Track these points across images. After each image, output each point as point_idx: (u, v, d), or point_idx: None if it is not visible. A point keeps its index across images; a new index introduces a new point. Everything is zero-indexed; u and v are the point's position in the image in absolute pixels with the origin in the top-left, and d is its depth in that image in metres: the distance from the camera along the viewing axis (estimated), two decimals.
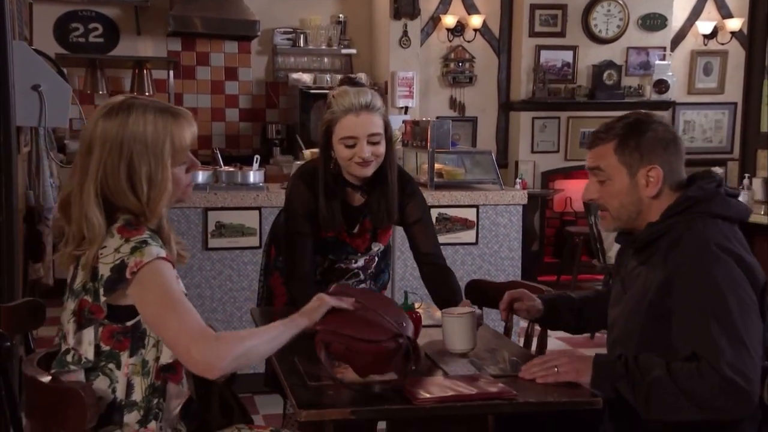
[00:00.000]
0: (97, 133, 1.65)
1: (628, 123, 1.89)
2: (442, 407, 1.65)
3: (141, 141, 1.64)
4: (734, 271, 1.73)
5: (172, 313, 1.56)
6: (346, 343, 1.65)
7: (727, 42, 7.36)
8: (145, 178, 1.65)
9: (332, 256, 2.50)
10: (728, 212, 1.82)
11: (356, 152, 2.28)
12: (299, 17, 6.88)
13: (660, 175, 1.84)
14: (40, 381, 1.60)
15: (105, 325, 1.64)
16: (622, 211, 1.90)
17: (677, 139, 1.90)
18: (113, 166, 1.64)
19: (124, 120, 1.64)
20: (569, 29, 6.98)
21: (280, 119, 6.92)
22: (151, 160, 1.65)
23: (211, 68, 6.83)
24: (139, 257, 1.59)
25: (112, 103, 1.69)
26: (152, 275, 1.59)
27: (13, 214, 3.37)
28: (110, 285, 1.60)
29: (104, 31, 6.60)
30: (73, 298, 1.66)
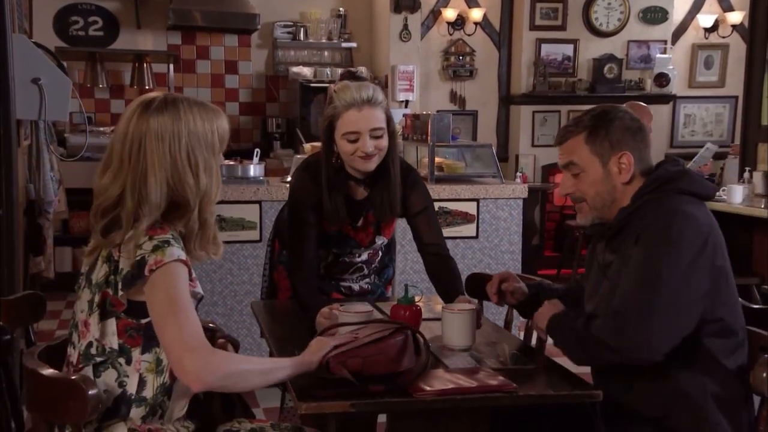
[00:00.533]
0: (151, 129, 1.66)
1: (595, 114, 1.94)
2: (442, 400, 1.65)
3: (196, 134, 1.68)
4: (694, 229, 1.77)
5: (173, 318, 1.57)
6: (359, 354, 1.65)
7: (728, 35, 7.35)
8: (204, 169, 1.69)
9: (336, 249, 2.50)
10: (696, 188, 1.88)
11: (359, 147, 2.28)
12: (299, 10, 6.87)
13: (631, 161, 1.90)
14: (40, 374, 1.60)
15: (121, 319, 1.64)
16: (598, 200, 1.94)
17: (643, 127, 1.95)
18: (174, 158, 1.66)
19: (175, 114, 1.67)
20: (570, 23, 6.97)
21: (280, 113, 6.91)
22: (205, 151, 1.69)
23: (211, 62, 6.83)
24: (160, 256, 1.60)
25: (151, 99, 1.70)
26: (165, 277, 1.59)
27: (14, 208, 3.37)
28: (129, 280, 1.61)
29: (104, 24, 6.59)
30: (95, 289, 1.67)
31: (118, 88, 6.64)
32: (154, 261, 1.59)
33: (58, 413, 1.60)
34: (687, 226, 1.78)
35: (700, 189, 1.89)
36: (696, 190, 1.87)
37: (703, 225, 1.80)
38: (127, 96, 6.63)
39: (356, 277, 2.60)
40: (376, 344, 1.67)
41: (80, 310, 1.71)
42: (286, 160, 5.70)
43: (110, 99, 6.63)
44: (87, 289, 1.70)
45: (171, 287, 1.59)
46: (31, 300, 2.07)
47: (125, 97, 6.63)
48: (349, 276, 2.60)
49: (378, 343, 1.67)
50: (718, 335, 1.81)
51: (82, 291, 1.72)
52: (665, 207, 1.83)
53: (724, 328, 1.81)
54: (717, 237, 1.83)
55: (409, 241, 4.02)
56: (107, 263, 1.65)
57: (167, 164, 1.66)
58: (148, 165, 1.65)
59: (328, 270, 2.55)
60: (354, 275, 2.59)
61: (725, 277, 1.83)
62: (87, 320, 1.67)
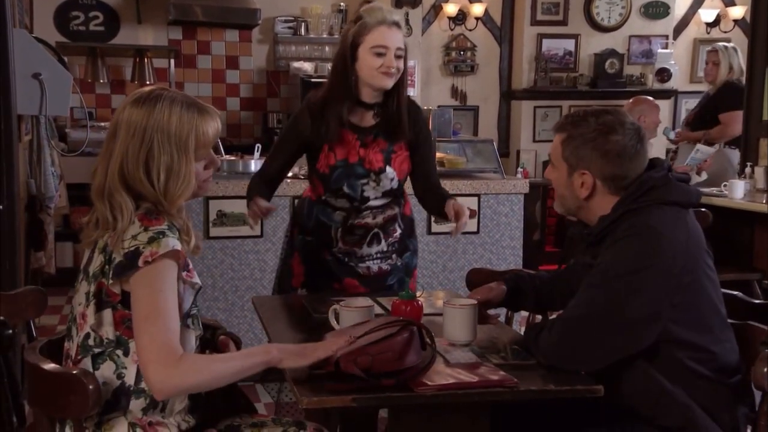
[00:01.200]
0: (124, 118, 1.68)
1: (588, 123, 1.90)
2: (443, 395, 1.65)
3: (164, 131, 1.67)
4: (661, 251, 1.77)
5: (149, 325, 1.57)
6: (368, 352, 1.65)
7: (730, 30, 7.34)
8: (164, 167, 1.67)
9: (346, 187, 2.53)
10: (677, 197, 1.86)
11: (384, 62, 2.42)
12: (300, 6, 6.86)
13: (590, 182, 1.89)
14: (41, 368, 1.60)
15: (117, 310, 1.65)
16: (563, 201, 1.99)
17: (636, 153, 1.88)
18: (133, 151, 1.66)
19: (150, 108, 1.67)
20: (571, 18, 6.96)
21: (281, 108, 6.91)
22: (173, 151, 1.67)
23: (212, 57, 6.82)
24: (156, 248, 1.60)
25: (141, 92, 1.72)
26: (154, 276, 1.60)
27: (15, 203, 3.37)
28: (119, 270, 1.61)
29: (105, 19, 6.58)
30: (91, 281, 1.67)
31: (119, 84, 6.64)
32: (150, 253, 1.59)
33: (59, 407, 1.60)
34: (654, 248, 1.76)
35: (682, 197, 1.87)
36: (677, 199, 1.86)
37: (676, 242, 1.78)
38: (128, 91, 6.61)
39: (375, 253, 2.61)
40: (384, 341, 1.67)
41: (78, 303, 1.71)
42: None
43: (111, 94, 6.62)
44: (84, 282, 1.70)
45: (156, 289, 1.60)
46: (32, 295, 2.08)
47: (126, 92, 6.61)
48: (367, 250, 2.60)
49: (386, 340, 1.67)
50: (688, 351, 1.80)
51: (80, 284, 1.72)
52: (640, 222, 1.81)
53: (697, 347, 1.80)
54: (693, 250, 1.81)
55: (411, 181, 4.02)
56: (102, 253, 1.66)
57: (125, 155, 1.66)
58: (114, 154, 1.67)
59: (345, 240, 2.58)
60: (372, 248, 2.60)
61: (696, 292, 1.80)
62: (84, 312, 1.67)
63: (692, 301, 1.79)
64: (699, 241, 1.85)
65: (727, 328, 1.88)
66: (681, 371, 1.80)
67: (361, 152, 2.53)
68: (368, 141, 2.53)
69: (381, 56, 2.42)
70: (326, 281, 2.63)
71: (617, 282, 1.76)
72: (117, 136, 1.68)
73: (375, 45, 2.42)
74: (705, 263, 1.84)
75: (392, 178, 2.57)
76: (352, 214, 2.58)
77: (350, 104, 2.49)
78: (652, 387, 1.81)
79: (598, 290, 1.79)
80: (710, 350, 1.81)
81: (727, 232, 4.74)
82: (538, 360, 1.84)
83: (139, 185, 1.66)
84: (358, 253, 2.61)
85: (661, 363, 1.80)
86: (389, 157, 2.55)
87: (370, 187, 2.55)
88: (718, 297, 1.87)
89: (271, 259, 3.91)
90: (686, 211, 1.87)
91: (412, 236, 2.75)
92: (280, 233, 3.89)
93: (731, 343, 1.87)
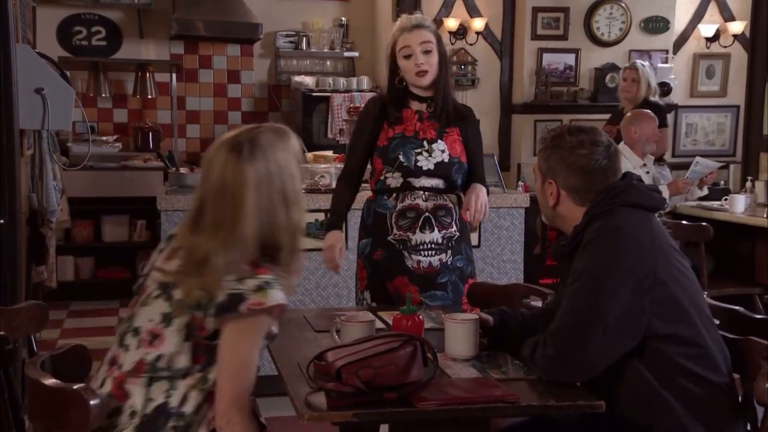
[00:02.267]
0: (249, 180, 1.65)
1: (563, 139, 2.01)
2: (444, 410, 1.65)
3: (284, 168, 1.69)
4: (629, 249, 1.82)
5: (240, 377, 1.62)
6: (370, 365, 1.65)
7: (730, 45, 7.35)
8: (293, 201, 1.70)
9: (402, 156, 2.74)
10: (640, 200, 1.93)
11: (413, 61, 2.71)
12: (301, 20, 6.90)
13: (555, 191, 2.01)
14: (42, 383, 1.60)
15: (197, 341, 1.65)
16: (542, 209, 2.12)
17: (601, 169, 1.97)
18: (272, 200, 1.66)
19: (263, 156, 1.67)
20: (571, 32, 6.98)
21: (282, 122, 6.88)
22: (292, 182, 1.70)
23: (213, 71, 6.84)
24: (262, 298, 1.61)
25: (238, 143, 1.68)
26: (255, 326, 1.63)
27: (17, 217, 3.38)
28: (220, 311, 1.61)
29: (107, 34, 6.61)
30: (182, 309, 1.65)
31: (121, 98, 6.66)
32: (256, 302, 1.60)
33: (59, 423, 1.60)
34: (622, 245, 1.83)
35: (645, 201, 1.95)
36: (640, 202, 1.93)
37: (644, 241, 1.85)
38: (130, 105, 6.64)
39: (428, 242, 2.73)
40: (387, 354, 1.67)
41: (149, 319, 1.69)
42: None
43: (113, 108, 6.65)
44: (164, 302, 1.68)
45: (253, 342, 1.63)
46: (34, 310, 2.08)
47: (128, 107, 6.65)
48: (420, 236, 2.73)
49: (389, 353, 1.67)
50: (678, 347, 1.82)
51: (155, 300, 1.69)
52: (607, 223, 1.89)
53: (685, 341, 1.82)
54: (661, 248, 1.87)
55: None
56: (202, 291, 1.64)
57: (264, 211, 1.65)
58: (245, 216, 1.64)
59: (399, 226, 2.75)
60: (425, 234, 2.73)
61: (675, 287, 1.84)
62: (161, 332, 1.66)
63: (671, 295, 1.82)
64: (665, 242, 1.91)
65: (712, 324, 1.91)
66: (672, 369, 1.80)
67: (417, 125, 2.78)
68: (424, 117, 2.80)
69: (409, 57, 2.72)
70: (381, 281, 2.81)
71: (594, 284, 1.81)
72: (242, 200, 1.64)
73: (401, 48, 2.74)
74: (677, 261, 1.90)
75: (443, 150, 2.76)
76: (402, 194, 2.76)
77: (403, 98, 2.80)
78: (645, 390, 1.80)
79: (578, 296, 1.83)
80: (698, 344, 1.83)
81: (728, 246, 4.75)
82: (540, 377, 1.84)
83: (281, 231, 1.67)
84: (412, 239, 2.75)
85: (652, 362, 1.81)
86: (442, 134, 2.79)
87: (423, 157, 2.76)
88: (700, 297, 1.92)
89: None
90: (651, 215, 1.95)
91: (468, 243, 2.87)
92: None
93: (718, 339, 1.90)
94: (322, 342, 2.13)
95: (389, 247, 2.78)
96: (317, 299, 3.98)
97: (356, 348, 1.74)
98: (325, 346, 2.06)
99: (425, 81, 2.75)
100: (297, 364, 1.92)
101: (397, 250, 2.77)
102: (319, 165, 4.30)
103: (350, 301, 4.00)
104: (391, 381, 1.67)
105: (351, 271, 4.00)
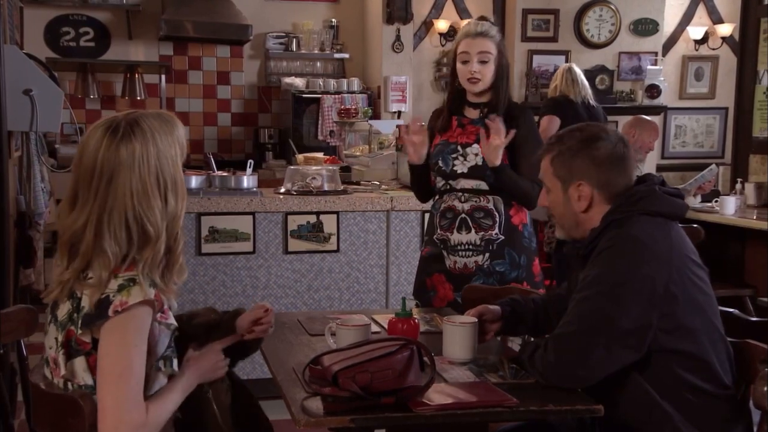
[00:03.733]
0: (122, 158, 1.58)
1: (571, 137, 1.94)
2: (442, 415, 1.63)
3: (162, 152, 1.61)
4: (644, 260, 1.77)
5: (119, 384, 1.51)
6: (368, 369, 1.63)
7: (718, 47, 7.39)
8: (171, 187, 1.62)
9: (441, 161, 2.86)
10: (662, 208, 1.86)
11: (468, 67, 2.80)
12: (292, 21, 6.87)
13: (588, 193, 1.90)
14: (42, 389, 1.57)
15: (91, 354, 1.58)
16: (563, 221, 1.98)
17: (622, 157, 1.91)
18: (144, 183, 1.59)
19: (142, 136, 1.60)
20: (561, 34, 6.99)
21: (272, 124, 6.89)
22: (171, 167, 1.62)
23: (203, 72, 6.80)
24: (125, 297, 1.53)
25: (115, 124, 1.62)
26: (123, 328, 1.53)
27: (4, 219, 3.34)
28: (88, 320, 1.54)
29: (95, 35, 6.56)
30: (59, 327, 1.61)
31: (110, 99, 6.61)
32: (119, 302, 1.52)
33: (59, 429, 1.57)
34: (637, 257, 1.77)
35: (666, 208, 1.87)
36: (660, 210, 1.86)
37: (659, 252, 1.79)
38: (118, 107, 6.58)
39: (466, 243, 2.81)
40: (384, 359, 1.65)
41: (48, 346, 1.65)
42: (278, 170, 5.67)
43: (101, 110, 6.59)
44: (53, 325, 1.63)
45: (127, 343, 1.52)
46: (23, 314, 2.05)
47: (116, 108, 6.58)
48: (457, 236, 2.83)
49: (386, 357, 1.65)
50: (682, 361, 1.79)
51: (49, 326, 1.65)
52: (624, 232, 1.83)
53: (689, 356, 1.79)
54: (677, 261, 1.80)
55: (403, 252, 4.03)
56: (70, 299, 1.59)
57: (138, 193, 1.58)
58: (117, 197, 1.57)
59: (441, 226, 2.87)
60: (462, 235, 2.82)
61: (686, 302, 1.79)
62: (56, 358, 1.62)
63: (681, 310, 1.78)
64: (684, 252, 1.84)
65: (721, 338, 1.87)
66: (674, 382, 1.78)
67: (458, 132, 2.88)
68: (465, 123, 2.89)
69: (466, 63, 2.81)
70: (421, 276, 2.96)
71: (604, 295, 1.77)
72: (114, 179, 1.57)
73: (460, 53, 2.83)
74: (693, 274, 1.83)
75: (477, 153, 2.81)
76: (445, 196, 2.88)
77: (460, 103, 2.90)
78: (645, 400, 1.79)
79: (586, 304, 1.79)
80: (703, 359, 1.80)
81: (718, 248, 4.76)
82: (537, 379, 1.83)
83: (156, 218, 1.59)
84: (451, 239, 2.86)
85: (654, 375, 1.78)
86: (480, 138, 2.80)
87: (459, 161, 2.85)
88: (712, 309, 1.86)
89: (264, 276, 3.89)
90: (672, 223, 1.88)
91: (515, 248, 2.85)
92: (272, 249, 3.88)
93: (725, 352, 1.86)
94: (316, 346, 2.11)
95: (434, 246, 2.92)
96: (309, 302, 3.95)
97: (353, 352, 1.72)
98: (320, 349, 2.06)
99: (476, 88, 2.83)
100: (292, 368, 1.90)
101: (439, 248, 2.89)
102: (310, 167, 4.27)
103: (342, 303, 3.98)
104: (389, 385, 1.65)
105: (342, 273, 3.99)
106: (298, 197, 3.94)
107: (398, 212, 4.00)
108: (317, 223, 3.93)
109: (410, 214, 4.01)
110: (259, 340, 1.98)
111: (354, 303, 4.00)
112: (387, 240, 4.00)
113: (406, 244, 4.03)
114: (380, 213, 3.98)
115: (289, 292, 3.93)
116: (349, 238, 3.97)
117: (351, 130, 5.76)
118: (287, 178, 4.17)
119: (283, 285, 3.91)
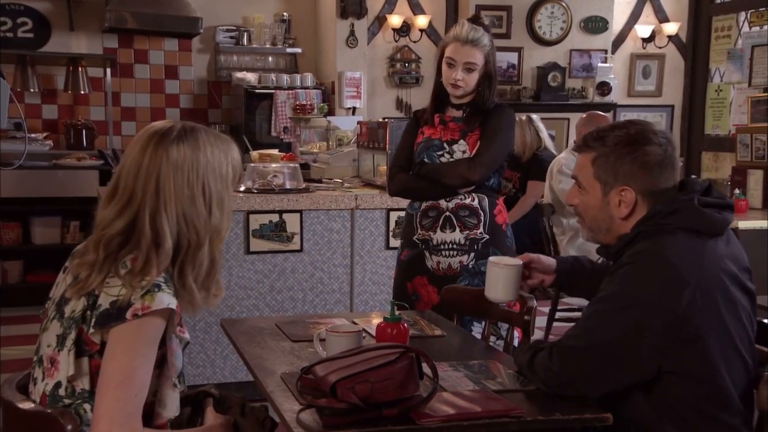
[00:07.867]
0: (170, 160, 1.55)
1: (617, 136, 1.80)
2: (447, 427, 1.56)
3: (212, 164, 1.59)
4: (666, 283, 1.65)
5: (121, 389, 1.44)
6: (367, 379, 1.54)
7: (665, 46, 7.52)
8: (216, 202, 1.58)
9: (426, 158, 2.85)
10: (698, 225, 1.71)
11: (452, 73, 2.76)
12: (242, 15, 6.70)
13: (632, 199, 1.77)
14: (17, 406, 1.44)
15: (94, 358, 1.49)
16: (594, 224, 1.86)
17: (673, 162, 1.79)
18: (192, 189, 1.55)
19: (194, 143, 1.57)
20: (514, 31, 7.01)
21: (223, 120, 6.71)
22: (219, 183, 1.59)
23: (150, 66, 6.57)
24: (148, 302, 1.46)
25: (167, 128, 1.59)
26: (139, 333, 1.46)
27: None
28: (103, 319, 1.46)
29: (34, 26, 6.27)
30: (70, 324, 1.51)
31: (51, 93, 6.33)
32: (141, 306, 1.45)
33: None
34: (660, 279, 1.65)
35: (702, 226, 1.71)
36: (695, 227, 1.71)
37: (687, 277, 1.64)
38: (60, 101, 6.32)
39: (449, 242, 2.76)
40: (384, 368, 1.56)
41: (47, 344, 1.54)
42: None
43: (42, 104, 6.31)
44: (57, 322, 1.53)
45: (136, 351, 1.45)
46: None
47: (58, 102, 6.32)
48: (441, 235, 2.79)
49: (386, 367, 1.57)
50: (692, 387, 1.69)
51: (51, 322, 1.55)
52: (651, 248, 1.70)
53: (701, 380, 1.68)
54: (706, 283, 1.66)
55: (368, 251, 3.94)
56: (85, 296, 1.50)
57: (183, 197, 1.54)
58: (162, 199, 1.53)
59: (422, 225, 2.82)
60: (446, 234, 2.77)
61: (707, 327, 1.65)
62: (56, 357, 1.51)
63: (699, 337, 1.66)
64: (719, 274, 1.69)
65: (742, 365, 1.73)
66: (680, 407, 1.70)
67: (440, 129, 2.86)
68: (447, 120, 2.86)
69: (451, 67, 2.77)
70: (401, 281, 2.88)
71: (616, 314, 1.67)
72: (160, 180, 1.54)
73: (447, 57, 2.78)
74: (726, 298, 1.68)
75: (464, 150, 2.80)
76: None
77: (443, 101, 2.87)
78: (642, 418, 1.72)
79: (598, 321, 1.71)
80: (717, 384, 1.69)
81: None
82: (536, 385, 1.77)
83: (201, 226, 1.56)
84: (433, 239, 2.81)
85: (657, 395, 1.70)
86: (465, 134, 2.82)
87: (445, 158, 2.82)
88: (741, 334, 1.71)
89: (225, 277, 3.75)
90: (708, 241, 1.71)
91: (499, 248, 2.81)
92: (233, 249, 3.74)
93: (743, 378, 1.73)
94: (301, 353, 2.02)
95: (413, 247, 2.85)
96: (271, 303, 3.83)
97: (349, 361, 1.63)
98: (305, 356, 1.96)
99: (457, 93, 2.81)
100: (281, 377, 1.80)
101: (420, 250, 2.82)
102: (270, 165, 4.15)
103: (305, 305, 3.87)
104: (390, 396, 1.57)
105: (305, 274, 3.88)
106: (260, 196, 3.82)
107: (363, 210, 3.91)
108: (280, 222, 3.82)
109: (375, 213, 3.93)
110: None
111: (318, 304, 3.89)
112: (351, 239, 3.91)
113: (371, 243, 3.95)
114: (344, 211, 3.89)
115: (252, 293, 3.80)
116: (312, 238, 3.86)
117: (306, 126, 5.65)
118: (246, 176, 4.04)
119: (245, 286, 3.79)
